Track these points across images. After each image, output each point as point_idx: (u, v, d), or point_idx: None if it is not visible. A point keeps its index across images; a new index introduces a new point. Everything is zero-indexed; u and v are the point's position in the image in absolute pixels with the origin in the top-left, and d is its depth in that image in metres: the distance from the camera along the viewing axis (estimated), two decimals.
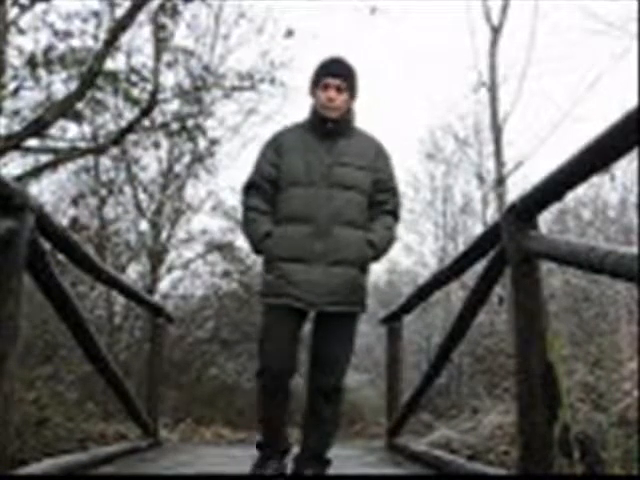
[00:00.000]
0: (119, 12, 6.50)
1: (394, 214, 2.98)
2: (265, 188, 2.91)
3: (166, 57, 7.50)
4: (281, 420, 2.89)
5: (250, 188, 2.95)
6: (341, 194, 2.82)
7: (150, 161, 9.81)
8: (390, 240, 2.94)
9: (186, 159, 9.99)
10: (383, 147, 3.01)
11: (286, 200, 2.86)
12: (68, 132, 7.73)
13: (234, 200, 9.85)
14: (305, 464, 2.87)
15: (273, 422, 2.88)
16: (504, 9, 10.76)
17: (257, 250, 2.91)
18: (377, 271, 17.37)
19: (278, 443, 2.89)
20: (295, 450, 2.95)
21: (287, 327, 2.80)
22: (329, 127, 2.89)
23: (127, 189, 9.66)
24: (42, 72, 6.57)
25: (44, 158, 7.06)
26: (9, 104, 6.69)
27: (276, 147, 2.93)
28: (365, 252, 2.85)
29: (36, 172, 6.84)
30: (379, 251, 2.90)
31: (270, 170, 2.90)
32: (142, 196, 9.98)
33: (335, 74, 2.88)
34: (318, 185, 2.82)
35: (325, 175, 2.83)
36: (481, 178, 13.30)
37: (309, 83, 2.97)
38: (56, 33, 6.63)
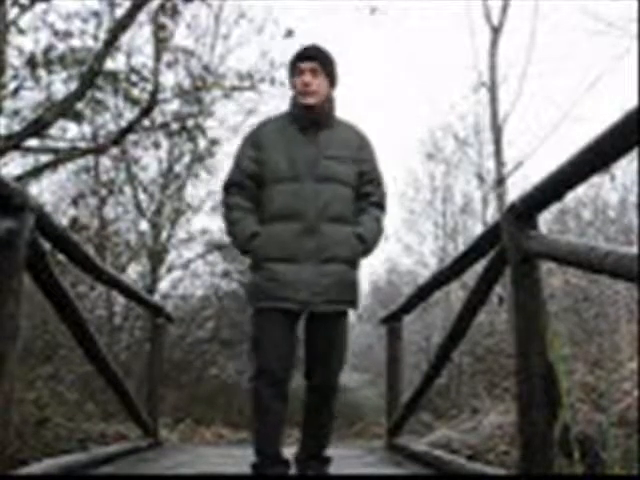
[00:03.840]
0: (119, 12, 6.51)
1: (380, 205, 2.88)
2: (247, 185, 2.78)
3: (166, 57, 7.48)
4: (279, 428, 2.71)
5: (231, 186, 2.82)
6: (328, 188, 2.71)
7: (150, 161, 9.84)
8: (379, 233, 2.84)
9: (186, 159, 10.01)
10: (366, 137, 2.91)
11: (271, 197, 2.73)
12: (68, 132, 7.73)
13: None
14: (306, 464, 2.84)
15: (270, 431, 2.69)
16: (504, 9, 10.76)
17: (244, 251, 2.80)
18: (377, 271, 17.45)
19: (276, 453, 2.68)
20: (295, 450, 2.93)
21: (283, 330, 2.70)
22: (310, 117, 2.76)
23: (127, 189, 9.67)
24: (42, 72, 6.57)
25: (44, 158, 7.05)
26: (9, 104, 6.69)
27: (255, 142, 2.81)
28: (356, 248, 2.76)
29: (36, 172, 6.83)
30: (369, 245, 2.80)
31: (251, 166, 2.77)
32: (142, 196, 10.01)
33: (307, 57, 2.77)
34: (303, 179, 2.70)
35: (310, 169, 2.71)
36: (481, 178, 13.30)
37: (288, 77, 2.87)
38: (56, 33, 6.62)
